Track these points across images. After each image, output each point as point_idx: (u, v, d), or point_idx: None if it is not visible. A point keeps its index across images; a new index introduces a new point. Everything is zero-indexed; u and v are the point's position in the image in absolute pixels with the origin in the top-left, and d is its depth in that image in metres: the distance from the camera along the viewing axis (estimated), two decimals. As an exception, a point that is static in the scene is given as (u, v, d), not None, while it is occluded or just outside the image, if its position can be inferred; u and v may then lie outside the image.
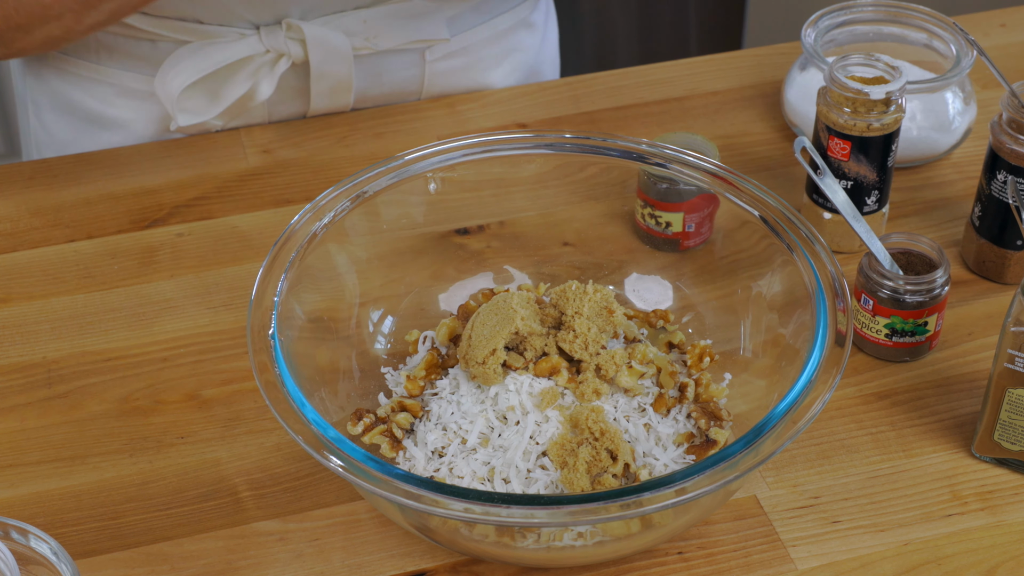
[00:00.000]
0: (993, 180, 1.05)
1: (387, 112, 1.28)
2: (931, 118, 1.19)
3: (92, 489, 0.95)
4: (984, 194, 1.07)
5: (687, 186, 1.03)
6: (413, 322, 1.02)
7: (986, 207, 1.07)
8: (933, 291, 1.00)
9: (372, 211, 1.00)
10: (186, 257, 1.13)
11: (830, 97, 1.06)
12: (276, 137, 1.25)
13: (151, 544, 0.91)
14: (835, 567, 0.90)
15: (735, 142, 1.24)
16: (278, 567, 0.90)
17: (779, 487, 0.95)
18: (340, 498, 0.94)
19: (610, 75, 1.31)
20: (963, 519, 0.93)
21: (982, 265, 1.09)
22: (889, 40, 1.25)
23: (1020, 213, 1.02)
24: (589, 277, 1.04)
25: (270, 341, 0.88)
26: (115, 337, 1.06)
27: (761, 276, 0.98)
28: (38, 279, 1.11)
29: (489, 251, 1.05)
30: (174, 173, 1.21)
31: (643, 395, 0.96)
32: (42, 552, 0.78)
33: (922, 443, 0.97)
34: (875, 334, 1.02)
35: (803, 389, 0.85)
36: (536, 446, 0.91)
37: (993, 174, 1.05)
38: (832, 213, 1.11)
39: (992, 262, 1.08)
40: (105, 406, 1.01)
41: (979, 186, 1.08)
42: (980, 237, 1.08)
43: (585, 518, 0.79)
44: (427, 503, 0.80)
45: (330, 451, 0.82)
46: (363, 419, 0.93)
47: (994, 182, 1.05)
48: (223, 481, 0.95)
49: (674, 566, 0.90)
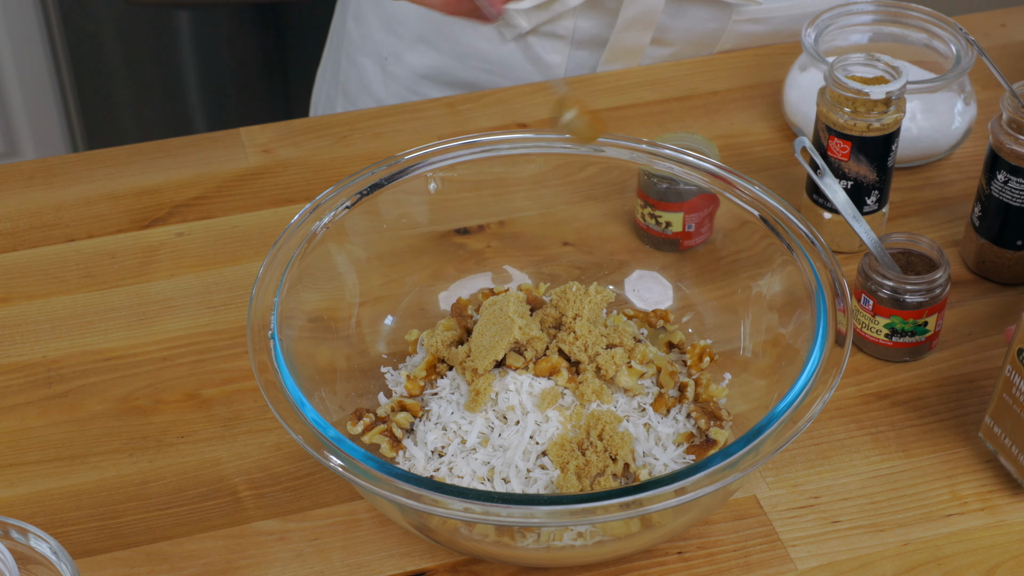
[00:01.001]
0: (993, 180, 1.05)
1: (387, 112, 1.28)
2: (931, 118, 1.19)
3: (92, 488, 0.95)
4: (984, 194, 1.07)
5: (687, 186, 1.03)
6: (413, 322, 1.02)
7: (986, 207, 1.07)
8: (933, 291, 1.00)
9: (372, 211, 1.00)
10: (186, 257, 1.13)
11: (830, 97, 1.06)
12: (276, 137, 1.25)
13: (151, 543, 0.91)
14: (835, 567, 0.90)
15: (735, 142, 1.24)
16: (278, 567, 0.90)
17: (779, 487, 0.95)
18: (340, 498, 0.94)
19: (610, 75, 1.31)
20: (963, 519, 0.93)
21: (982, 265, 1.09)
22: (889, 40, 1.25)
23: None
24: (589, 277, 1.04)
25: (270, 341, 0.88)
26: (115, 336, 1.06)
27: (761, 276, 0.98)
28: (38, 278, 1.11)
29: (489, 251, 1.05)
30: (174, 172, 1.21)
31: (643, 395, 0.96)
32: (42, 551, 0.78)
33: (922, 443, 0.97)
34: (875, 334, 1.02)
35: (803, 389, 0.85)
36: (536, 446, 0.91)
37: (993, 174, 1.05)
38: (832, 213, 1.11)
39: (992, 262, 1.08)
40: (105, 405, 1.01)
41: (979, 186, 1.08)
42: (980, 237, 1.08)
43: (585, 518, 0.79)
44: (427, 503, 0.80)
45: (330, 451, 0.82)
46: (363, 419, 0.93)
47: (994, 182, 1.05)
48: (223, 481, 0.95)
49: (674, 566, 0.90)
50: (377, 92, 1.38)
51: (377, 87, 1.38)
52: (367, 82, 1.39)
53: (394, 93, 1.36)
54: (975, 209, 1.09)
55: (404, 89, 1.36)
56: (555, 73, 1.32)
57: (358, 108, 1.38)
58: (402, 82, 1.36)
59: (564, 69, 1.32)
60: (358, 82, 1.40)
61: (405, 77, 1.35)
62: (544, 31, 1.29)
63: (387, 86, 1.37)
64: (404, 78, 1.36)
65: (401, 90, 1.36)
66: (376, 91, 1.38)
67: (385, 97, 1.37)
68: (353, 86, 1.41)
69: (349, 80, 1.41)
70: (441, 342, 0.97)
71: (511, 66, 1.32)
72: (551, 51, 1.30)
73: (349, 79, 1.41)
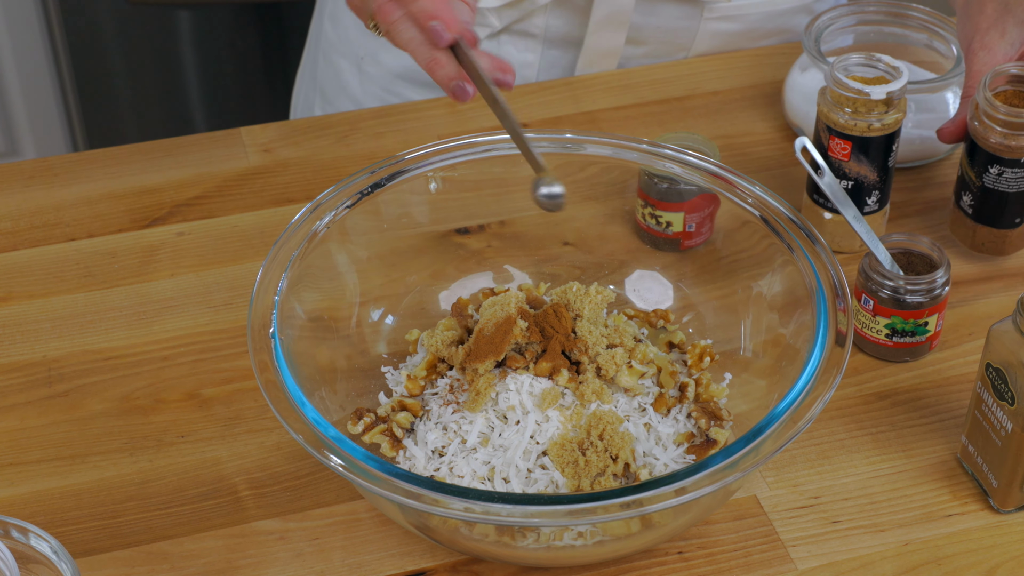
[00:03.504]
0: (986, 174, 1.06)
1: (387, 112, 1.28)
2: (932, 118, 1.19)
3: (92, 488, 0.95)
4: (975, 186, 1.07)
5: (687, 186, 1.03)
6: (413, 321, 1.02)
7: (980, 198, 1.07)
8: (933, 291, 1.00)
9: (372, 210, 1.00)
10: (186, 256, 1.13)
11: (831, 97, 1.06)
12: (276, 136, 1.25)
13: (151, 543, 0.91)
14: (835, 567, 0.90)
15: (735, 142, 1.24)
16: (278, 566, 0.90)
17: (779, 487, 0.95)
18: (340, 497, 0.94)
19: (610, 75, 1.31)
20: (963, 519, 0.93)
21: (981, 246, 1.10)
22: (890, 40, 1.25)
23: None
24: (589, 277, 1.04)
25: (270, 340, 0.88)
26: (115, 336, 1.06)
27: (761, 276, 0.98)
28: (39, 278, 1.11)
29: (489, 251, 1.05)
30: (175, 172, 1.21)
31: (643, 395, 0.96)
32: (42, 551, 0.78)
33: (922, 443, 0.97)
34: (875, 334, 1.02)
35: (803, 389, 0.85)
36: (536, 446, 0.91)
37: (985, 168, 1.05)
38: (832, 213, 1.11)
39: (992, 242, 1.09)
40: (105, 405, 1.01)
41: (963, 175, 1.08)
42: (976, 223, 1.09)
43: (585, 518, 0.79)
44: (427, 502, 0.80)
45: (330, 450, 0.82)
46: (363, 418, 0.93)
47: (987, 175, 1.06)
48: (223, 480, 0.95)
49: (674, 566, 0.90)
50: (354, 92, 1.38)
51: (354, 87, 1.38)
52: (344, 83, 1.38)
53: (370, 93, 1.36)
54: (964, 197, 1.09)
55: (380, 89, 1.36)
56: (529, 72, 1.32)
57: (336, 109, 1.38)
58: (378, 82, 1.36)
59: (537, 68, 1.32)
60: (335, 82, 1.40)
61: (381, 77, 1.35)
62: (516, 30, 1.29)
63: (363, 86, 1.37)
64: (380, 78, 1.35)
65: (377, 90, 1.36)
66: (353, 92, 1.38)
67: (362, 97, 1.37)
68: (331, 87, 1.41)
69: (326, 81, 1.41)
70: (441, 342, 0.97)
71: None
72: (524, 50, 1.30)
73: (327, 80, 1.41)
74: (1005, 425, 0.89)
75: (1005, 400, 0.88)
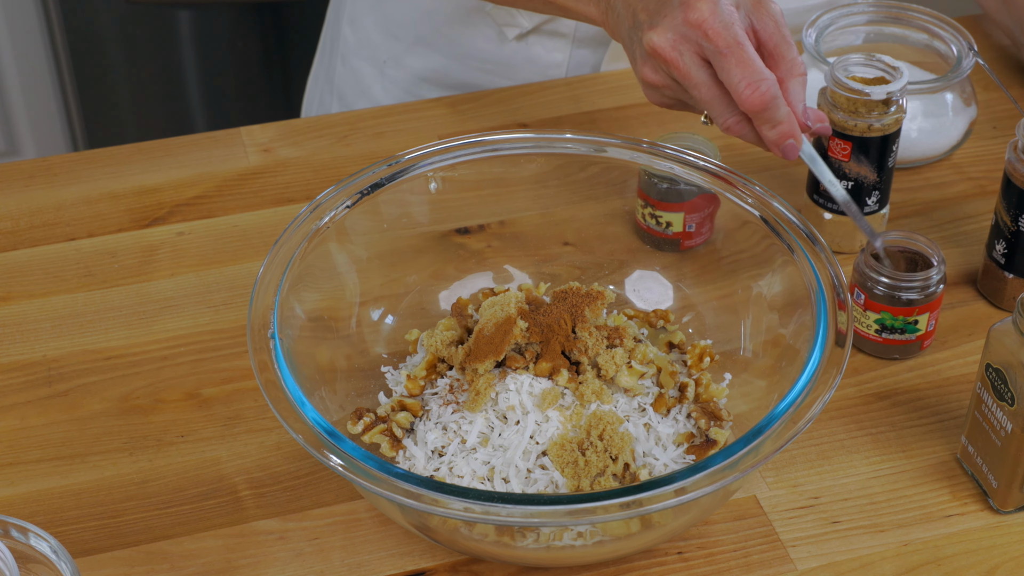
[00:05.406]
0: (1021, 217, 1.01)
1: (387, 112, 1.28)
2: (931, 118, 1.19)
3: (92, 488, 0.95)
4: (1009, 231, 1.03)
5: (687, 186, 1.03)
6: (413, 321, 1.02)
7: (1013, 244, 1.03)
8: (928, 288, 1.00)
9: (372, 210, 1.00)
10: (186, 256, 1.13)
11: (831, 97, 1.06)
12: (276, 136, 1.25)
13: (151, 543, 0.91)
14: (835, 567, 0.90)
15: (735, 142, 1.24)
16: (278, 566, 0.90)
17: (779, 487, 0.95)
18: (340, 497, 0.94)
19: (610, 75, 1.31)
20: (963, 519, 0.93)
21: (1011, 300, 1.06)
22: (890, 40, 1.25)
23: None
24: (589, 277, 1.04)
25: (270, 340, 0.88)
26: (115, 336, 1.06)
27: (761, 276, 0.98)
28: (38, 277, 1.11)
29: (489, 251, 1.05)
30: (175, 172, 1.21)
31: (643, 395, 0.96)
32: (42, 550, 0.78)
33: (922, 443, 0.97)
34: (865, 329, 1.02)
35: (803, 389, 0.85)
36: (536, 446, 0.91)
37: (1020, 210, 1.01)
38: (832, 213, 1.11)
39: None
40: (105, 405, 1.01)
41: (998, 222, 1.04)
42: (1009, 274, 1.04)
43: (585, 518, 0.79)
44: (427, 502, 0.80)
45: (330, 450, 0.82)
46: (363, 418, 0.93)
47: (1021, 219, 1.01)
48: (223, 480, 0.95)
49: (674, 566, 0.90)
50: (375, 95, 1.38)
51: (376, 91, 1.38)
52: (365, 86, 1.38)
53: (393, 96, 1.36)
54: (996, 245, 1.05)
55: (403, 92, 1.36)
56: (557, 72, 1.32)
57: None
58: (401, 85, 1.36)
59: (566, 68, 1.32)
60: (355, 86, 1.40)
61: (404, 80, 1.35)
62: (545, 30, 1.29)
63: (386, 89, 1.37)
64: (403, 81, 1.35)
65: (400, 93, 1.36)
66: (374, 94, 1.38)
67: (383, 100, 1.37)
68: (349, 90, 1.40)
69: (345, 84, 1.41)
70: (441, 342, 0.97)
71: (511, 66, 1.32)
72: (553, 50, 1.30)
73: (345, 83, 1.41)
74: (1005, 426, 0.89)
75: (1005, 401, 0.88)
